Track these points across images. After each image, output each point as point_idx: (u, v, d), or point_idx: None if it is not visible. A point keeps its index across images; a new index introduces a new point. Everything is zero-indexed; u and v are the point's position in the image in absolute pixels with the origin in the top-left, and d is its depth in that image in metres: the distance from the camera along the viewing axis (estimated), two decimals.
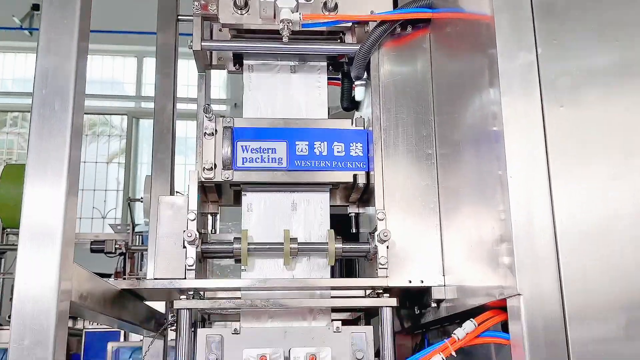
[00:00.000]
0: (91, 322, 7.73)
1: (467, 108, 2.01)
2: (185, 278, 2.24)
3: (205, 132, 2.44)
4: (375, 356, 2.33)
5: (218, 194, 2.62)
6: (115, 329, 7.21)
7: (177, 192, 3.43)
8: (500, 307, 1.80)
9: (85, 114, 1.84)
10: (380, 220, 2.28)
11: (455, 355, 1.83)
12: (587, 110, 1.74)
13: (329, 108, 2.69)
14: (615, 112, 1.74)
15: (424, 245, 2.28)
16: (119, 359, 7.60)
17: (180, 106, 3.26)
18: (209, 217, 2.76)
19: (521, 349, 1.56)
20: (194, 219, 2.27)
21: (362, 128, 2.51)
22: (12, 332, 1.50)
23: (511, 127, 1.69)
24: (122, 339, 7.87)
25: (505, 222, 1.67)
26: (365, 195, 2.59)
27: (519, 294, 1.58)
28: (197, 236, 2.24)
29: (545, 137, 1.69)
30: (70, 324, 8.50)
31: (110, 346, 7.64)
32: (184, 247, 2.26)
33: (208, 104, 2.45)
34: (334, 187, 2.55)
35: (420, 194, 2.33)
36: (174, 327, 2.55)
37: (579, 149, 1.70)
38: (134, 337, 7.41)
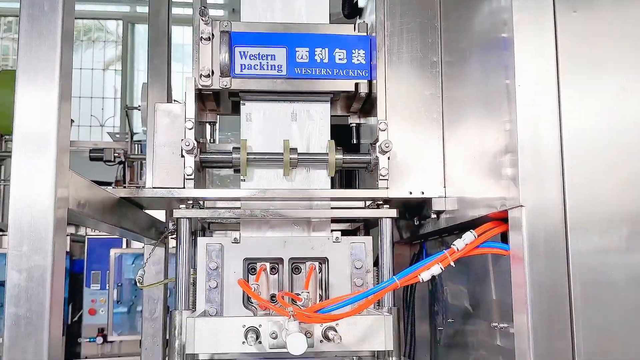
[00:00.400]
0: (93, 229, 7.84)
1: (476, 13, 1.93)
2: (184, 187, 2.22)
3: (201, 37, 2.34)
4: (374, 266, 2.35)
5: (216, 103, 2.56)
6: (117, 236, 7.33)
7: (174, 100, 3.37)
8: (501, 218, 1.79)
9: (78, 18, 1.76)
10: (381, 130, 2.23)
11: (454, 266, 1.84)
12: (601, 17, 1.66)
13: (329, 14, 2.58)
14: (630, 19, 1.66)
15: (425, 156, 2.25)
16: (122, 265, 7.78)
17: (176, 10, 3.14)
18: (207, 126, 2.71)
19: (521, 259, 1.56)
20: (191, 128, 2.22)
21: (365, 34, 2.42)
22: (9, 239, 1.50)
23: (522, 33, 1.62)
24: (124, 245, 8.03)
25: (510, 133, 1.63)
26: (367, 105, 2.53)
27: (522, 206, 1.56)
28: (195, 145, 2.21)
29: (556, 44, 1.63)
30: (72, 230, 8.64)
31: (113, 252, 7.81)
32: (182, 156, 2.22)
33: (204, 6, 2.34)
34: (334, 97, 2.49)
35: (423, 103, 2.27)
36: (174, 236, 2.56)
37: (590, 57, 1.64)
38: (136, 244, 7.56)
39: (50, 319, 1.47)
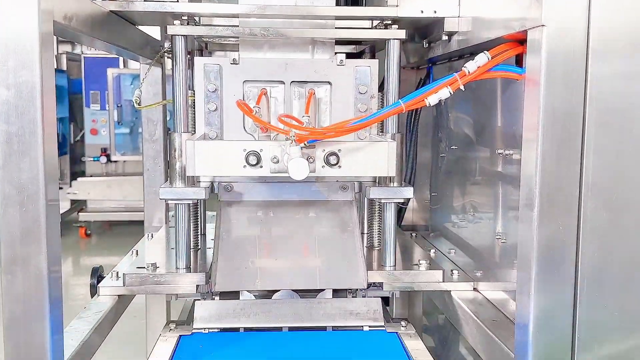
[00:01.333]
0: (89, 47, 7.66)
1: None
2: (177, 1, 2.07)
3: None
4: (379, 91, 2.27)
5: None
6: (115, 56, 7.17)
7: None
8: (517, 40, 1.68)
9: None
10: None
11: (463, 90, 1.76)
12: None
13: None
14: None
15: None
16: (120, 86, 7.69)
17: None
18: None
19: (536, 83, 1.48)
20: None
21: None
22: None
23: None
24: (121, 65, 7.88)
25: None
26: None
27: (543, 25, 1.45)
28: None
29: None
30: (69, 48, 8.43)
31: (110, 72, 7.67)
32: None
33: None
34: None
35: None
36: (170, 55, 2.44)
37: None
38: (134, 65, 7.42)
39: (43, 137, 1.43)
